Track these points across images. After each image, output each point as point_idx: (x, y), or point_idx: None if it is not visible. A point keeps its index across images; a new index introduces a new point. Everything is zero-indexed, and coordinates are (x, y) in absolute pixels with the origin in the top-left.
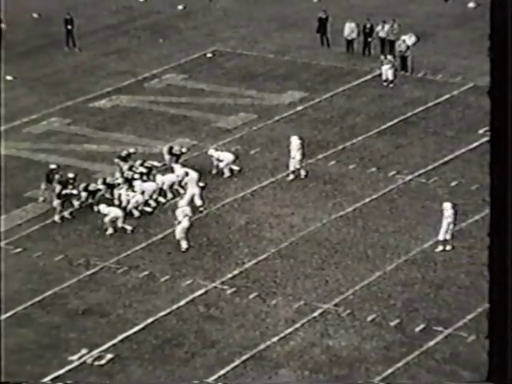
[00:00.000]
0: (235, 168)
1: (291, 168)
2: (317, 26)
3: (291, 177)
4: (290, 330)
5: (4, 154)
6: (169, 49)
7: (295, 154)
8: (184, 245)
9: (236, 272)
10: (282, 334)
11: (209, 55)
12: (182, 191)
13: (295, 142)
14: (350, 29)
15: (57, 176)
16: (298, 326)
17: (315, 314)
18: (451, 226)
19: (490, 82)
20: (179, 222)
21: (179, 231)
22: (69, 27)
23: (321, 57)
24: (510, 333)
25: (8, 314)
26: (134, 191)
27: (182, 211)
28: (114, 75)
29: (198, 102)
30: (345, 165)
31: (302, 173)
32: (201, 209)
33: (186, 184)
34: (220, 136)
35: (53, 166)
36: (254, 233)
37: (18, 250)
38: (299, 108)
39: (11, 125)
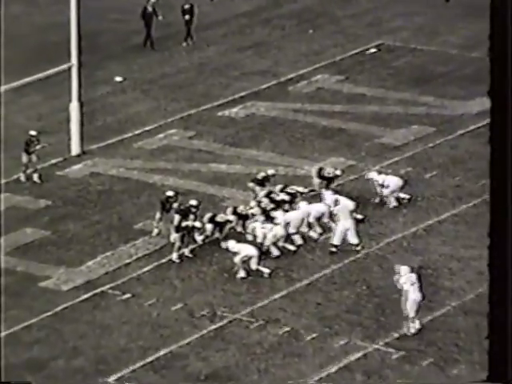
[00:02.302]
0: (404, 196)
1: None
2: None
3: None
4: None
5: (110, 175)
6: (321, 42)
7: None
8: (417, 325)
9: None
10: None
11: (372, 51)
12: (332, 225)
13: None
14: None
15: (175, 204)
16: None
17: None
18: None
19: (489, 82)
20: (406, 294)
21: (410, 306)
22: (186, 17)
23: None
24: (510, 333)
25: (113, 377)
26: (272, 223)
27: (407, 279)
28: (250, 76)
29: (358, 110)
30: None
31: None
32: (357, 248)
33: (336, 215)
34: (385, 155)
35: (170, 193)
36: (430, 280)
37: (126, 296)
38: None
39: (120, 138)
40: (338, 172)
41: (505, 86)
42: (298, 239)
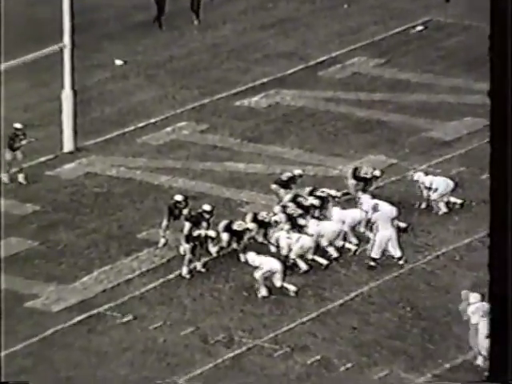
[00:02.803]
0: (456, 201)
1: None
2: None
3: None
4: None
5: (109, 175)
6: (357, 19)
7: None
8: (481, 362)
9: (458, 361)
10: None
11: (418, 29)
12: (370, 235)
13: None
14: None
15: (185, 209)
16: None
17: None
18: None
19: (490, 81)
20: (474, 328)
21: (480, 342)
22: None
23: None
24: (510, 333)
25: None
26: (300, 232)
27: (476, 309)
28: (274, 59)
29: (401, 99)
30: None
31: None
32: (400, 262)
33: (375, 224)
34: (434, 151)
35: (178, 197)
36: None
37: (128, 318)
38: None
39: (120, 131)
40: (377, 172)
41: (505, 85)
42: (332, 252)
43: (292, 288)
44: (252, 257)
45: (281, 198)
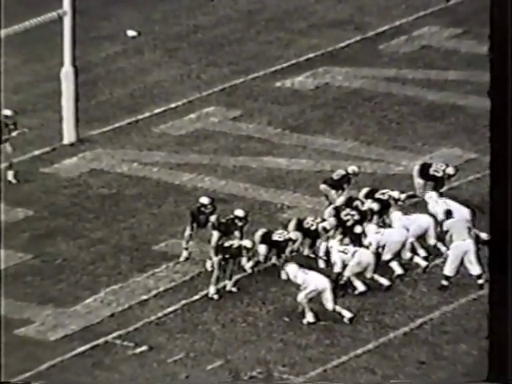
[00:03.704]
0: None
1: None
2: None
3: None
4: None
5: (119, 173)
6: None
7: None
8: None
9: None
10: None
11: None
12: (443, 247)
13: None
14: None
15: (213, 215)
16: None
17: None
18: None
19: (490, 81)
20: None
21: None
22: None
23: None
24: (510, 333)
25: None
26: (354, 243)
27: None
28: (323, 29)
29: (481, 79)
30: None
31: None
32: (480, 281)
33: (448, 233)
34: None
35: (204, 200)
36: None
37: (141, 348)
38: None
39: (133, 119)
40: (451, 170)
41: (505, 85)
42: (395, 267)
43: (346, 313)
44: (294, 271)
45: (331, 201)
